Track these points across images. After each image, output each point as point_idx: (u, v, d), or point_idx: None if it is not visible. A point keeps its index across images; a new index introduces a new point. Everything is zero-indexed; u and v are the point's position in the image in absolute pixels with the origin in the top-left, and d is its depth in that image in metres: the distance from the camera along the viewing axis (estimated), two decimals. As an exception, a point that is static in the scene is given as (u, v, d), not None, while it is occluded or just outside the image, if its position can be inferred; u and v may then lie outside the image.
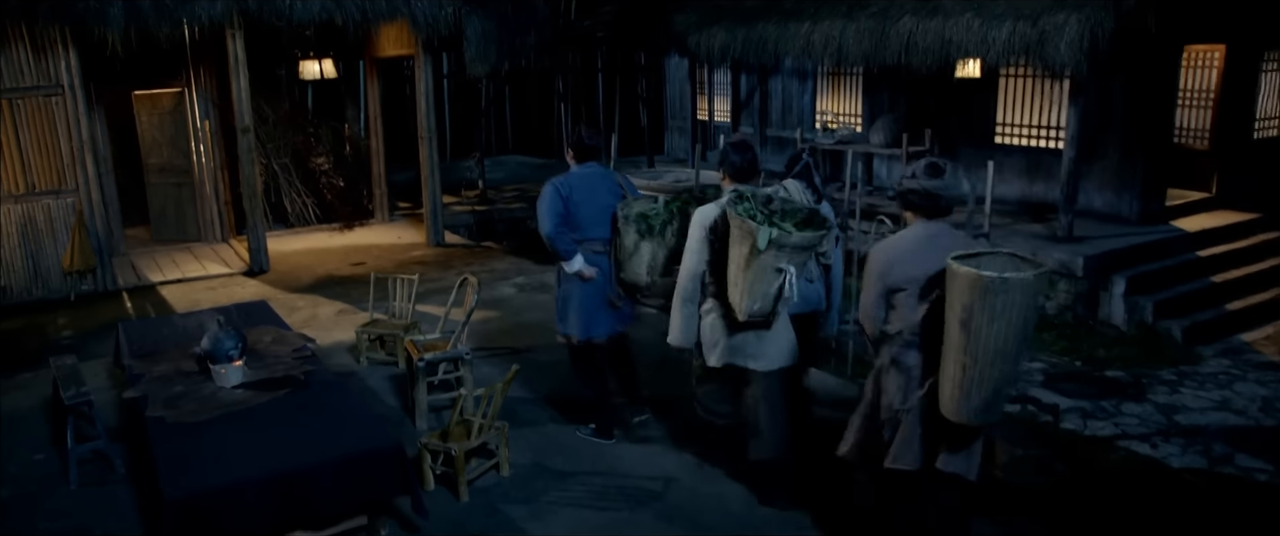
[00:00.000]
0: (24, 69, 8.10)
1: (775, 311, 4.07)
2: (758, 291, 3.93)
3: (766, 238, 3.78)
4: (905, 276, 3.45)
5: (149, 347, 5.23)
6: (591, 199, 4.83)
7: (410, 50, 9.95)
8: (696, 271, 4.26)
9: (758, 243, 3.80)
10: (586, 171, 4.88)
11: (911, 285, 3.44)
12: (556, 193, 4.77)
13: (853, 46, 10.21)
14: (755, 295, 3.94)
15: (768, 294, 3.94)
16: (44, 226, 8.41)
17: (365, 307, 7.85)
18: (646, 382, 5.61)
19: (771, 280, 3.90)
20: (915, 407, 3.50)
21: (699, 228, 4.22)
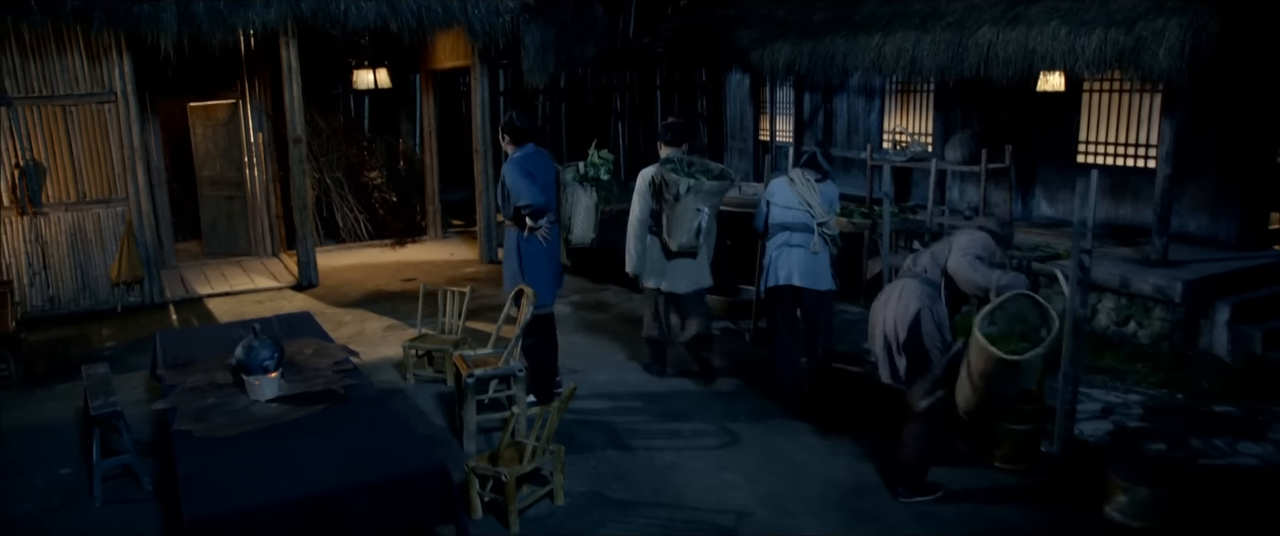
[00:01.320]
0: (78, 75, 7.98)
1: (697, 245, 5.61)
2: (682, 227, 5.48)
3: (686, 185, 5.35)
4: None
5: (184, 357, 4.92)
6: (542, 172, 5.29)
7: (466, 61, 9.69)
8: (642, 216, 5.81)
9: (680, 190, 5.35)
10: (529, 151, 5.29)
11: None
12: (521, 168, 5.18)
13: (927, 59, 9.69)
14: (681, 231, 5.49)
15: (689, 229, 5.47)
16: (93, 236, 8.25)
17: (414, 323, 7.52)
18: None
19: (692, 219, 5.45)
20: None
21: (641, 182, 5.81)
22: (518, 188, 5.14)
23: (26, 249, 8.04)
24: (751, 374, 6.09)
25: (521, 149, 5.28)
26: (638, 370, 6.19)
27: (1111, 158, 9.54)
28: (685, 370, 6.14)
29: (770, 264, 5.51)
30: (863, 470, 4.62)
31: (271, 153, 10.29)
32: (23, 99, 7.82)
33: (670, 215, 5.49)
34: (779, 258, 5.45)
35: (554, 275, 5.48)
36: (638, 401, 5.62)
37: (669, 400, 5.65)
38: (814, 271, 5.44)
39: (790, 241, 5.41)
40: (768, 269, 5.54)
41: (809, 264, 5.41)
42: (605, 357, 6.44)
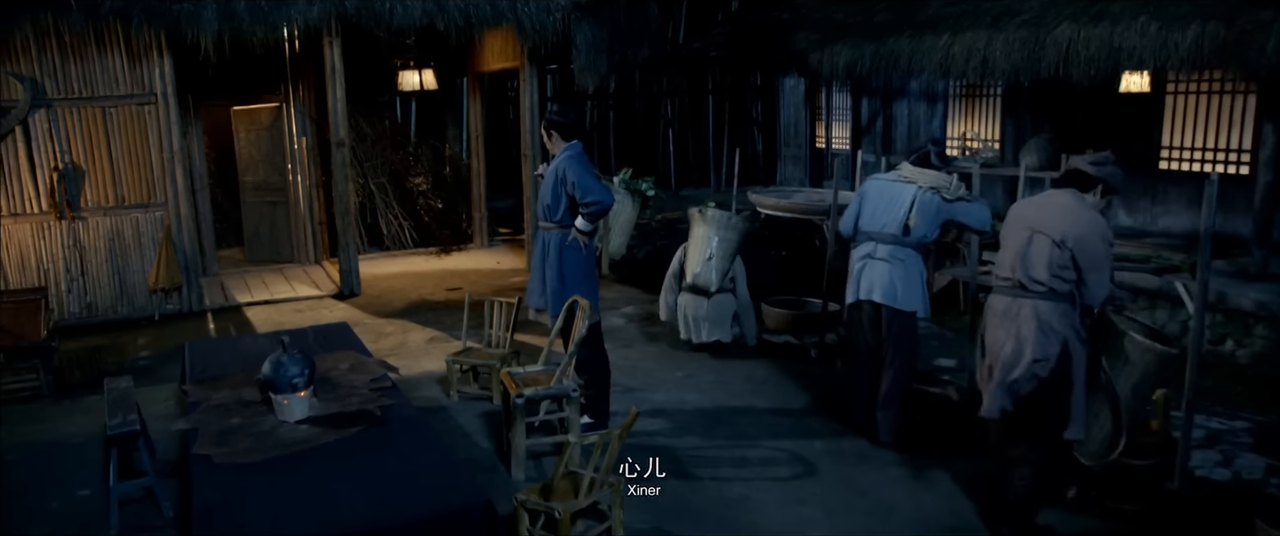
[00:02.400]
0: (118, 76, 7.74)
1: (711, 281, 6.08)
2: (695, 258, 5.99)
3: (696, 210, 6.05)
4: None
5: (212, 371, 4.56)
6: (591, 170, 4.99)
7: (515, 62, 9.32)
8: (675, 269, 6.49)
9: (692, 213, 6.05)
10: (579, 149, 4.96)
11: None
12: (585, 163, 4.89)
13: (1000, 59, 9.11)
14: (694, 261, 6.01)
15: (702, 259, 5.92)
16: (132, 241, 8.00)
17: (459, 335, 7.13)
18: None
19: (704, 247, 5.93)
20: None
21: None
22: (585, 183, 4.73)
23: (65, 254, 7.81)
24: (823, 395, 5.59)
25: (572, 145, 4.90)
26: (698, 388, 5.72)
27: (1198, 164, 8.88)
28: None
29: (853, 275, 4.94)
30: (959, 507, 4.10)
31: (315, 157, 10.02)
32: (62, 100, 7.59)
33: (687, 245, 6.25)
34: (862, 269, 4.86)
35: (596, 284, 5.05)
36: (700, 423, 5.14)
37: (734, 422, 5.17)
38: (897, 287, 4.75)
39: (875, 253, 4.81)
40: (850, 280, 4.97)
41: (893, 278, 4.74)
42: (662, 375, 5.98)
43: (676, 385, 5.78)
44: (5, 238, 7.60)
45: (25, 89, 7.40)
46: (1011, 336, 3.75)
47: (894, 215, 4.72)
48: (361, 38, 8.92)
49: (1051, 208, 3.83)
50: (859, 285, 4.84)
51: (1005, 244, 3.93)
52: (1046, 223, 3.77)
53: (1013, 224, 3.93)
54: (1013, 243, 3.87)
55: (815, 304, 7.58)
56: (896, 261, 4.72)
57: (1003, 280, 3.88)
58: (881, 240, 4.76)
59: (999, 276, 3.91)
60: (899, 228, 4.70)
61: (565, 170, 4.81)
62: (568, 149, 4.88)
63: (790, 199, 8.23)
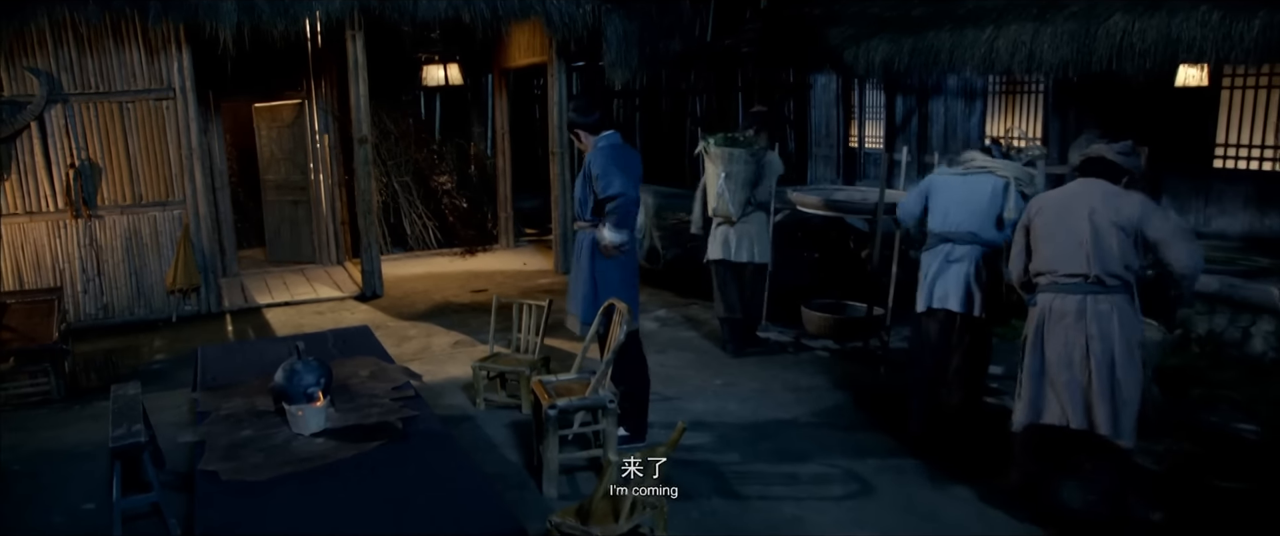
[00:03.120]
0: (136, 71, 7.51)
1: (730, 212, 6.11)
2: (712, 191, 6.13)
3: (702, 145, 6.19)
4: None
5: (224, 377, 4.27)
6: (632, 167, 4.61)
7: (542, 57, 9.03)
8: (703, 184, 6.54)
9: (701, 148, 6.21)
10: (614, 140, 4.60)
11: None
12: (611, 155, 4.51)
13: (1047, 53, 8.69)
14: (712, 195, 6.15)
15: (718, 193, 6.06)
16: (149, 240, 7.76)
17: (485, 339, 6.83)
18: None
19: (716, 183, 6.06)
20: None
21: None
22: (607, 174, 4.42)
23: (80, 254, 7.58)
24: (873, 405, 5.23)
25: (604, 136, 4.58)
26: (739, 397, 5.38)
27: (1256, 162, 8.44)
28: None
29: (926, 280, 4.51)
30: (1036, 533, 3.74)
31: (337, 155, 9.77)
32: (79, 95, 7.37)
33: (704, 181, 6.42)
34: (938, 275, 4.43)
35: (635, 288, 4.73)
36: (744, 435, 4.80)
37: (780, 434, 4.82)
38: (976, 293, 4.36)
39: (952, 255, 4.37)
40: (921, 286, 4.55)
41: (971, 283, 4.34)
42: (701, 383, 5.64)
43: (716, 394, 5.44)
44: (20, 237, 7.38)
45: (41, 84, 7.18)
46: (1096, 338, 3.42)
47: (975, 210, 4.32)
48: (385, 32, 8.65)
49: (1098, 194, 3.52)
50: (932, 292, 4.45)
51: (1051, 237, 3.58)
52: (1103, 209, 3.45)
53: (1057, 215, 3.58)
54: (1069, 236, 3.52)
55: (857, 308, 7.24)
56: (973, 263, 4.35)
57: (1069, 277, 3.52)
58: (959, 240, 4.37)
59: (1059, 273, 3.55)
60: (984, 222, 4.32)
61: (591, 161, 4.52)
62: (601, 139, 4.58)
63: (832, 196, 7.85)
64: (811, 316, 6.94)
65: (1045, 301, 3.56)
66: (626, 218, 4.47)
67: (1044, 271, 3.58)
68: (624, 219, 4.46)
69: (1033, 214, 3.68)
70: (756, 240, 6.27)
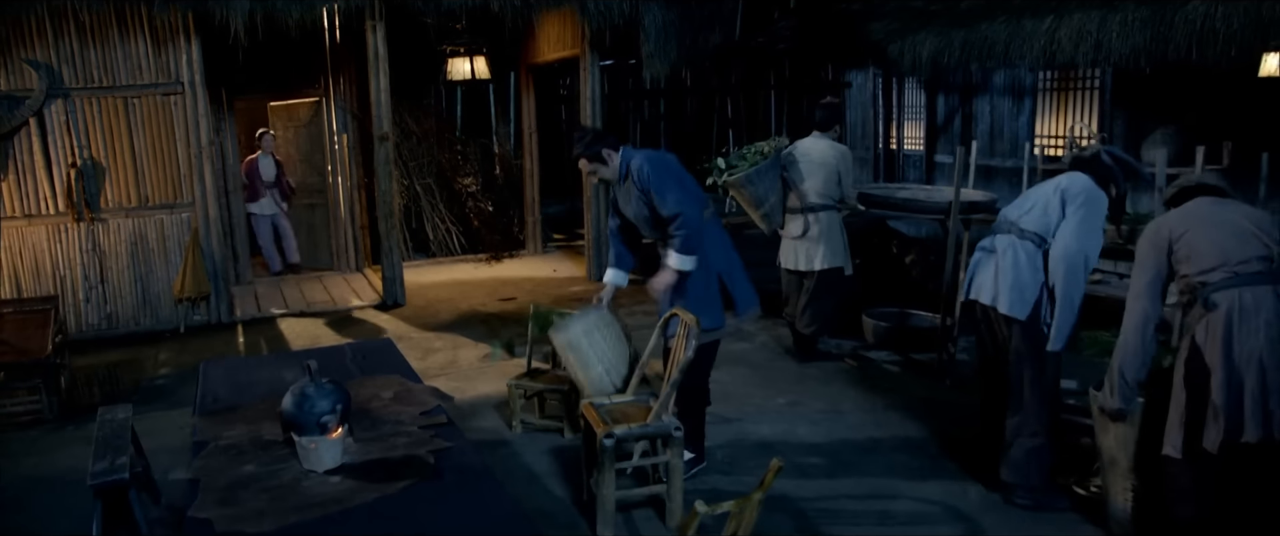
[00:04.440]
0: (143, 63, 7.00)
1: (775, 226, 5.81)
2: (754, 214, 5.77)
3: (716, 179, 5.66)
4: None
5: (227, 399, 3.71)
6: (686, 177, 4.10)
7: (573, 50, 8.46)
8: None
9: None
10: (649, 153, 4.08)
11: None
12: (662, 165, 3.99)
13: (1116, 42, 8.07)
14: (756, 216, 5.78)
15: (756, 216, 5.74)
16: (156, 245, 7.24)
17: (516, 351, 6.27)
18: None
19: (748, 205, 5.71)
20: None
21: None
22: (663, 188, 3.86)
23: (82, 260, 7.07)
24: (955, 427, 4.61)
25: (638, 152, 4.04)
26: (809, 419, 4.77)
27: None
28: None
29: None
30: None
31: (356, 156, 9.25)
32: (81, 90, 6.87)
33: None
34: (976, 265, 3.87)
35: (717, 300, 4.10)
36: (821, 463, 4.19)
37: (861, 463, 4.21)
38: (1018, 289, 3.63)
39: (991, 244, 3.81)
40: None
41: (1013, 276, 3.64)
42: (761, 401, 5.04)
43: (781, 414, 4.84)
44: (19, 241, 6.88)
45: (40, 77, 6.69)
46: (1255, 335, 2.90)
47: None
48: (407, 23, 8.12)
49: (1229, 205, 3.21)
50: (970, 283, 3.94)
51: (1208, 234, 3.07)
52: (1244, 213, 3.15)
53: (1201, 220, 3.14)
54: (1230, 227, 3.08)
55: (922, 316, 6.65)
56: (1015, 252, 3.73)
57: (1246, 265, 2.96)
58: (1003, 230, 3.82)
59: (1233, 262, 2.97)
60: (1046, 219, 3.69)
61: (638, 175, 3.93)
62: (635, 154, 4.02)
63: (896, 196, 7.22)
64: (871, 324, 6.35)
65: (1228, 298, 2.96)
66: (693, 238, 3.88)
67: (1213, 267, 3.00)
68: (691, 240, 3.88)
69: (1173, 235, 3.12)
70: (819, 245, 5.70)
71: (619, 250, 4.26)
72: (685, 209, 3.84)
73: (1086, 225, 3.54)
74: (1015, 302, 3.61)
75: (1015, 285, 3.60)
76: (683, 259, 3.88)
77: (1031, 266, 3.60)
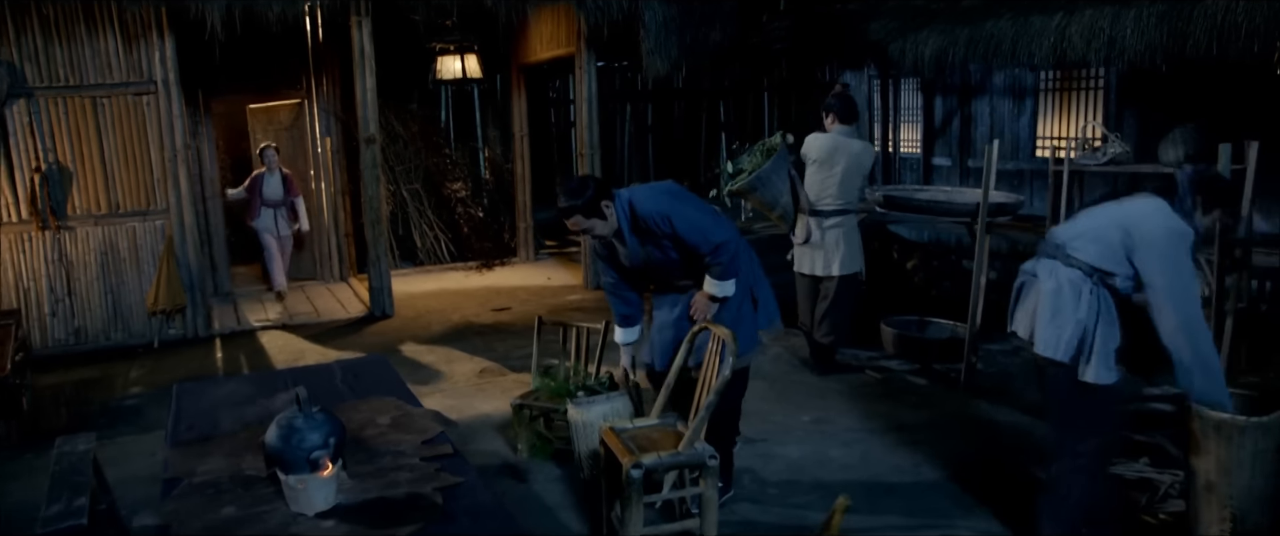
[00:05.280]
0: (112, 61, 6.57)
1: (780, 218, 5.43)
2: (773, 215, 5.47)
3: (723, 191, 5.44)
4: None
5: (203, 426, 3.31)
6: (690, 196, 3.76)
7: (568, 48, 8.10)
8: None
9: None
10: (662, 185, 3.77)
11: None
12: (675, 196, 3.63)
13: (1132, 38, 7.76)
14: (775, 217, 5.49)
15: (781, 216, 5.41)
16: (127, 255, 6.81)
17: (514, 365, 5.89)
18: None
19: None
20: None
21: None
22: (699, 222, 3.46)
23: (48, 271, 6.63)
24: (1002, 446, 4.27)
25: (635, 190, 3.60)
26: (840, 440, 4.40)
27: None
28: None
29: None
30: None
31: (340, 161, 8.84)
32: (46, 89, 6.43)
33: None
34: (1018, 292, 3.32)
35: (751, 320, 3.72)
36: (861, 490, 3.80)
37: (905, 488, 3.84)
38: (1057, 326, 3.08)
39: (1033, 268, 3.24)
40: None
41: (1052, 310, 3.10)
42: (785, 420, 4.67)
43: (809, 434, 4.47)
44: (-22, 252, 6.44)
45: (1, 75, 6.25)
46: None
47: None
48: (393, 20, 7.73)
49: None
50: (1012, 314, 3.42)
51: None
52: None
53: None
54: None
55: (941, 324, 6.32)
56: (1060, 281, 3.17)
57: None
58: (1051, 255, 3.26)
59: None
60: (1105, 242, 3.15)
61: (655, 222, 3.44)
62: (634, 197, 3.51)
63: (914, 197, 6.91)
64: (888, 333, 6.02)
65: None
66: (736, 259, 3.53)
67: None
68: (734, 262, 3.52)
69: None
70: (839, 249, 5.36)
71: (624, 310, 3.82)
72: (727, 234, 3.47)
73: (1177, 268, 2.94)
74: (1050, 341, 3.08)
75: (1053, 321, 3.08)
76: (725, 285, 3.52)
77: (1074, 299, 3.04)
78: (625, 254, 3.58)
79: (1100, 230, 3.09)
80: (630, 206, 3.46)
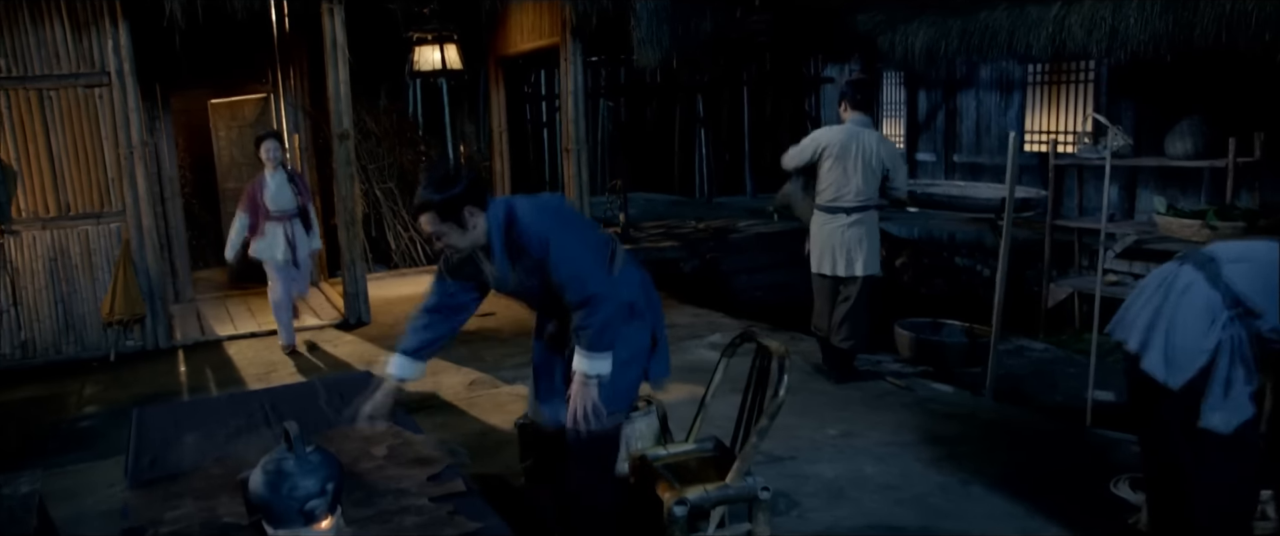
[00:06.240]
0: (60, 50, 6.05)
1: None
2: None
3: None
4: None
5: (167, 461, 2.86)
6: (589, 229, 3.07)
7: (551, 39, 7.68)
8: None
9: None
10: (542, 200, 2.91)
11: None
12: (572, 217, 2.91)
13: (1135, 29, 7.51)
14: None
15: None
16: (79, 261, 6.28)
17: (505, 376, 5.48)
18: None
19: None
20: None
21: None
22: (573, 262, 2.67)
23: (-9, 279, 6.10)
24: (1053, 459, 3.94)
25: (495, 209, 2.71)
26: (873, 455, 4.03)
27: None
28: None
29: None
30: None
31: (309, 159, 8.34)
32: (-14, 82, 5.91)
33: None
34: (1138, 293, 2.84)
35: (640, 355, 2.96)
36: (911, 513, 3.45)
37: (957, 509, 3.48)
38: (1184, 344, 2.61)
39: (1173, 277, 2.71)
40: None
41: (1176, 322, 2.63)
42: (809, 434, 4.29)
43: (839, 450, 4.10)
44: (-87, 259, 5.89)
45: (-64, 66, 5.72)
46: None
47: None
48: (364, 9, 7.26)
49: None
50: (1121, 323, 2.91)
51: None
52: None
53: None
54: None
55: (953, 326, 6.01)
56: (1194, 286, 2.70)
57: None
58: (1181, 257, 2.81)
59: None
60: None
61: (531, 243, 2.67)
62: (513, 209, 2.71)
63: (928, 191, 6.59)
64: (909, 338, 5.69)
65: None
66: (612, 326, 2.71)
67: None
68: (608, 330, 2.70)
69: None
70: (861, 248, 5.03)
71: (425, 336, 3.01)
72: (605, 287, 2.67)
73: None
74: (1162, 361, 2.61)
75: (1178, 335, 2.60)
76: (596, 361, 2.69)
77: (1208, 317, 2.55)
78: (492, 274, 2.83)
79: (1267, 265, 2.58)
80: (508, 217, 2.68)
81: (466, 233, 2.65)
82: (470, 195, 2.61)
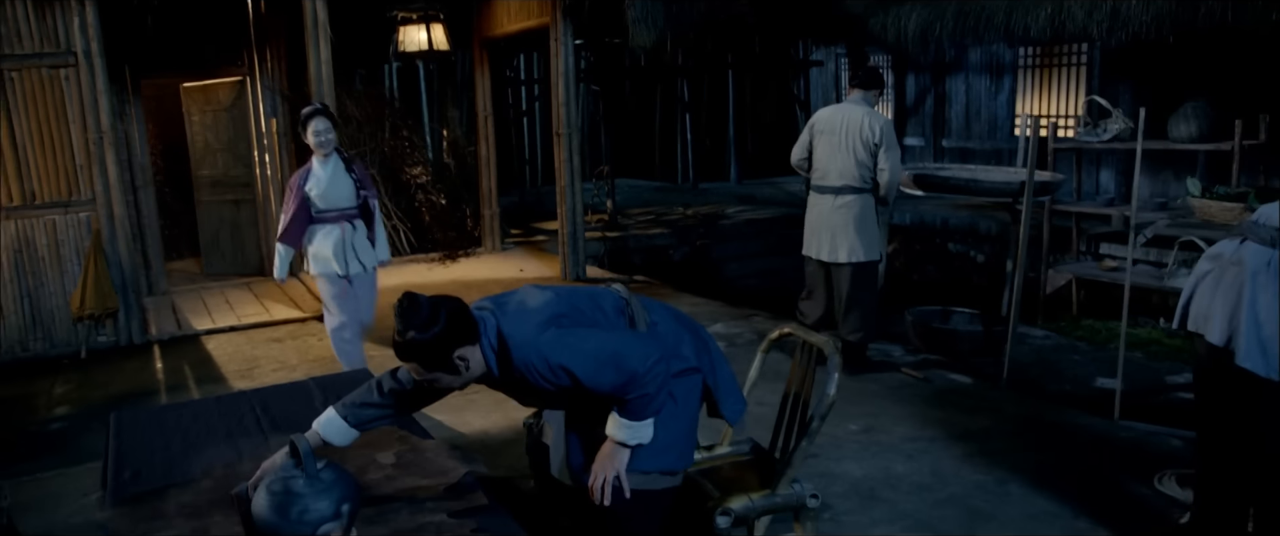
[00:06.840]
0: (21, 28, 5.70)
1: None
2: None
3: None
4: None
5: (151, 472, 2.60)
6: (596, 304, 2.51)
7: (540, 19, 7.40)
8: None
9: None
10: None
11: None
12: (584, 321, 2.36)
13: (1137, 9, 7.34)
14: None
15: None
16: (47, 252, 5.95)
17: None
18: None
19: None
20: None
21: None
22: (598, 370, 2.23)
23: (-48, 273, 5.75)
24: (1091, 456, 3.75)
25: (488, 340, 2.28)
26: (901, 452, 3.83)
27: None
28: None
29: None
30: None
31: (287, 144, 8.00)
32: (-57, 62, 5.55)
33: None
34: (1200, 279, 2.67)
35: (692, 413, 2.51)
36: (949, 516, 3.25)
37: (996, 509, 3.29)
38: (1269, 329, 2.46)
39: (1233, 253, 2.58)
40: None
41: (1260, 304, 2.46)
42: (834, 430, 4.07)
43: (863, 446, 3.90)
44: None
45: (-111, 45, 5.35)
46: None
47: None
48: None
49: None
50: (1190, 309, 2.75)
51: None
52: None
53: None
54: None
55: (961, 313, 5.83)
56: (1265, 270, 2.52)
57: None
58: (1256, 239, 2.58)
59: None
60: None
61: (543, 369, 2.25)
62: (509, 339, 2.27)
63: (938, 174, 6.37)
64: (919, 327, 5.51)
65: None
66: (658, 396, 2.26)
67: None
68: (653, 400, 2.26)
69: None
70: (843, 233, 4.83)
71: (375, 413, 2.44)
72: (648, 352, 2.23)
73: None
74: (1259, 352, 2.42)
75: (1263, 318, 2.41)
76: (640, 428, 2.29)
77: None
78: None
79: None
80: (500, 343, 2.27)
81: (461, 375, 2.25)
82: (455, 332, 2.18)
